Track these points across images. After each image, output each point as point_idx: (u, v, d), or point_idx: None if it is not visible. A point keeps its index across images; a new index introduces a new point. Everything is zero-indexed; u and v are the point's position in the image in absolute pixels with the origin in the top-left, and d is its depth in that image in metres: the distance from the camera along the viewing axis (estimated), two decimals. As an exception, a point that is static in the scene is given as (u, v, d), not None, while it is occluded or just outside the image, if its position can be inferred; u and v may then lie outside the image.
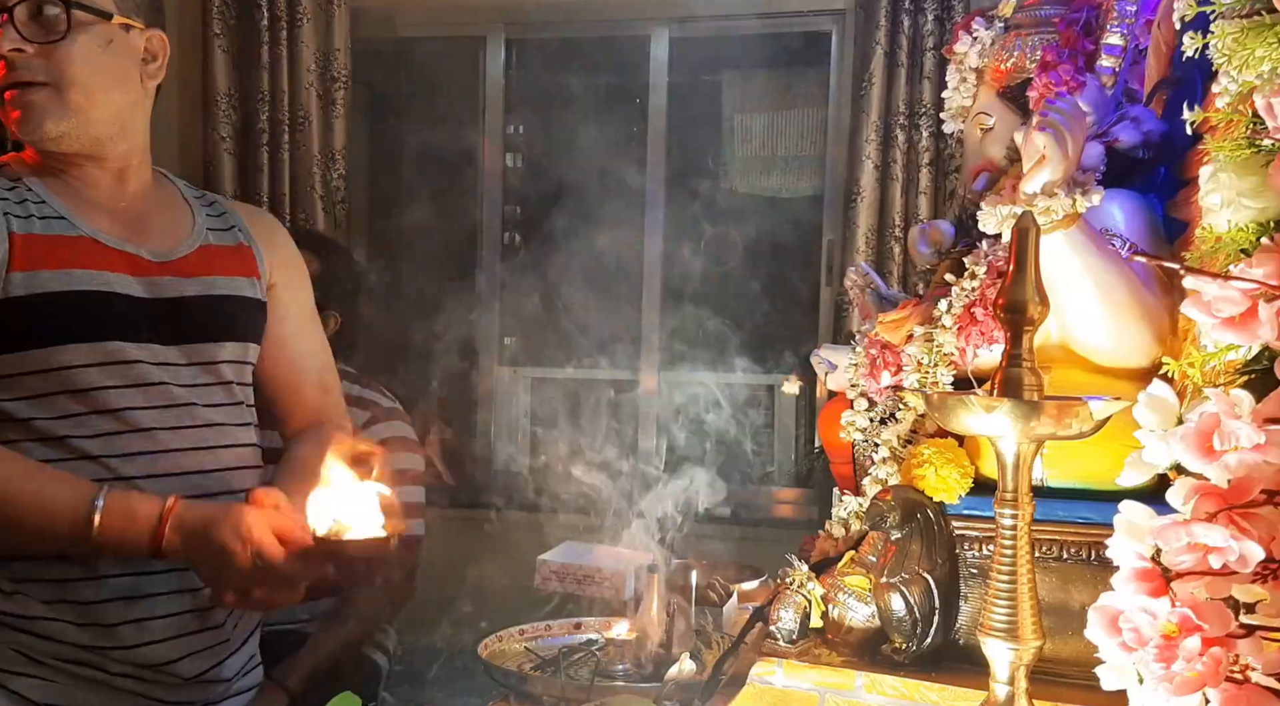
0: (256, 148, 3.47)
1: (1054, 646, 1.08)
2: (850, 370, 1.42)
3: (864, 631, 1.20)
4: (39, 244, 1.26)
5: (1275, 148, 0.89)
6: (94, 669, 1.27)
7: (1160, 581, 0.78)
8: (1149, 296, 1.18)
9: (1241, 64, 0.91)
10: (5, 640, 1.25)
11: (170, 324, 1.33)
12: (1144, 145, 1.37)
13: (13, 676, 1.25)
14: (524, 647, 1.52)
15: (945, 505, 1.18)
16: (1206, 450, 0.79)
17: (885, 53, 3.13)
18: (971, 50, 1.55)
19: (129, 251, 1.33)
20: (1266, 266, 0.82)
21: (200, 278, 1.38)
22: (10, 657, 1.25)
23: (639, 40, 3.61)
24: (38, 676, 1.26)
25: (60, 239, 1.28)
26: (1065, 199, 1.09)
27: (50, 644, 1.25)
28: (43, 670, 1.26)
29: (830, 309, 3.38)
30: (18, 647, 1.25)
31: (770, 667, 1.17)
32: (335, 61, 3.49)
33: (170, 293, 1.34)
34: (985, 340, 1.26)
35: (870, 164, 3.14)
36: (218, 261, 1.42)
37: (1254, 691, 0.74)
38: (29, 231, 1.26)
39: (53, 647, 1.25)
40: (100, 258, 1.29)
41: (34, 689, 1.25)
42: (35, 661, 1.25)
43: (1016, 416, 0.85)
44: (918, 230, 1.64)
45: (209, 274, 1.39)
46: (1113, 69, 1.40)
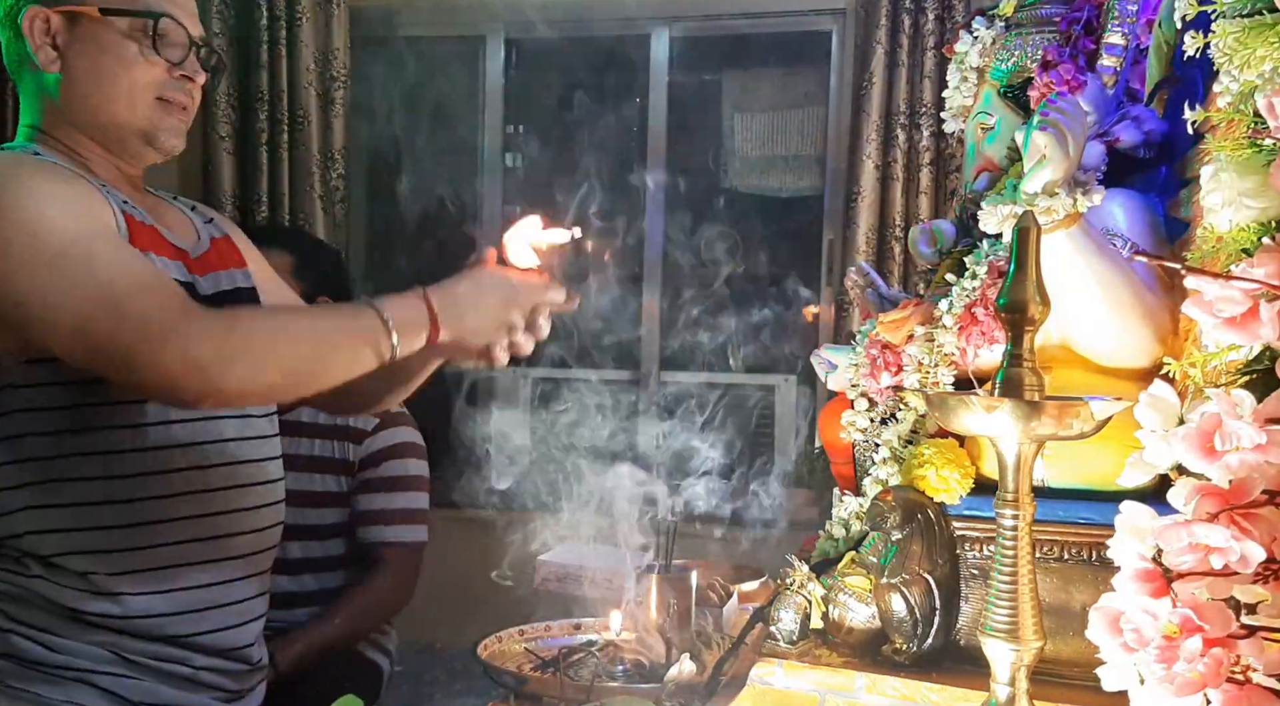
0: (256, 147, 3.47)
1: (1055, 647, 1.08)
2: (850, 370, 1.41)
3: (864, 632, 1.20)
4: (139, 227, 1.28)
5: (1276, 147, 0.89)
6: (179, 664, 1.31)
7: (1161, 582, 0.78)
8: (1150, 296, 1.18)
9: (1243, 63, 0.91)
10: (98, 640, 1.27)
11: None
12: (1145, 145, 1.36)
13: (103, 676, 1.27)
14: (524, 648, 1.52)
15: (946, 505, 1.18)
16: (1208, 450, 0.79)
17: (886, 52, 3.13)
18: (972, 49, 1.55)
19: (180, 246, 1.36)
20: (1268, 266, 0.82)
21: (219, 272, 1.42)
22: (101, 657, 1.27)
23: (639, 40, 3.61)
24: (127, 675, 1.28)
25: (144, 225, 1.30)
26: (1066, 198, 1.09)
27: (141, 642, 1.28)
28: (132, 668, 1.28)
29: (832, 308, 3.38)
30: (110, 647, 1.27)
31: (770, 668, 1.17)
32: (334, 61, 3.49)
33: (211, 286, 1.39)
34: (986, 340, 1.25)
35: (870, 164, 3.14)
36: (225, 255, 1.45)
37: (1255, 692, 0.74)
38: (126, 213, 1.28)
39: (143, 646, 1.28)
40: (166, 248, 1.33)
41: (124, 687, 1.28)
42: (126, 660, 1.28)
43: (1017, 416, 0.84)
44: (918, 230, 1.64)
45: (224, 268, 1.43)
46: (1114, 68, 1.40)
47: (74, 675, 1.26)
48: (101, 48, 1.29)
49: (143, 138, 1.33)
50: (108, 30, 1.29)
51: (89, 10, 1.28)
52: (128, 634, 1.28)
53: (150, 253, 1.28)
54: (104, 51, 1.29)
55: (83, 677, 1.26)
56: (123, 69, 1.29)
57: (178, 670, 1.31)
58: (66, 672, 1.26)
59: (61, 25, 1.28)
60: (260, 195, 3.48)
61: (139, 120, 1.31)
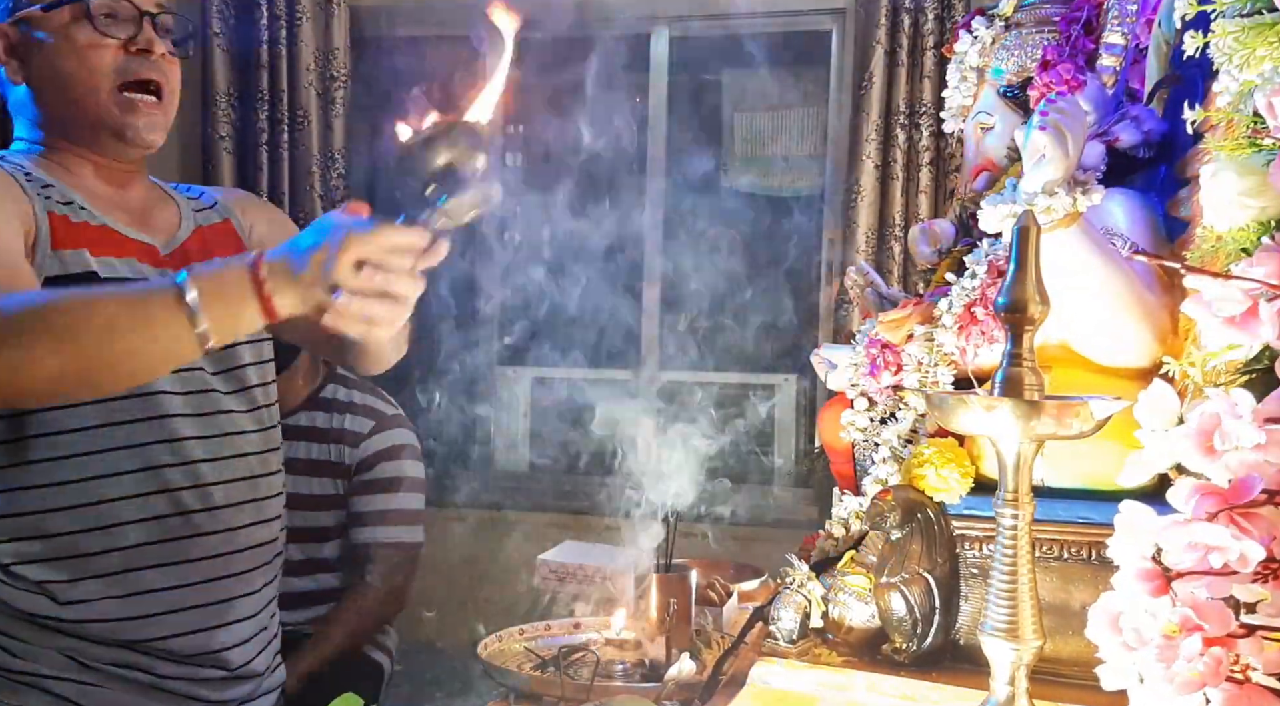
0: (256, 147, 3.47)
1: (1054, 646, 1.08)
2: (850, 370, 1.41)
3: (864, 631, 1.20)
4: (72, 227, 1.26)
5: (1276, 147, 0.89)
6: (141, 671, 1.27)
7: (1161, 581, 0.78)
8: (1150, 296, 1.18)
9: (1242, 63, 0.91)
10: (56, 645, 1.24)
11: None
12: (1144, 144, 1.36)
13: (61, 682, 1.24)
14: (524, 647, 1.52)
15: (946, 505, 1.18)
16: (1207, 449, 0.79)
17: (886, 52, 3.13)
18: (972, 49, 1.55)
19: (144, 241, 1.33)
20: (1267, 266, 0.82)
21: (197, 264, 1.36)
22: (61, 663, 1.24)
23: (639, 40, 3.61)
24: (86, 681, 1.25)
25: (86, 225, 1.28)
26: (1066, 198, 1.09)
27: (101, 648, 1.25)
28: (93, 675, 1.25)
29: (830, 309, 3.38)
30: (68, 653, 1.24)
31: (770, 667, 1.17)
32: (335, 60, 3.49)
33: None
34: (986, 339, 1.25)
35: (870, 163, 3.14)
36: (215, 243, 1.41)
37: (1254, 691, 0.74)
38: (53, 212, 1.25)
39: (103, 652, 1.25)
40: (120, 246, 1.30)
41: (83, 695, 1.25)
42: (85, 666, 1.25)
43: (1017, 416, 0.84)
44: (918, 230, 1.64)
45: (204, 258, 1.36)
46: (1113, 68, 1.40)
47: (29, 680, 1.23)
48: (52, 45, 1.28)
49: (112, 132, 1.29)
50: (53, 25, 1.28)
51: (32, 12, 1.28)
52: (87, 639, 1.24)
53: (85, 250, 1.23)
54: (55, 47, 1.28)
55: (38, 683, 1.23)
56: (75, 58, 1.27)
57: (139, 677, 1.27)
58: (24, 678, 1.23)
59: (16, 36, 1.28)
60: (260, 195, 3.48)
61: (103, 112, 1.28)
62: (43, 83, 1.29)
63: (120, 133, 1.29)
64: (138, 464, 1.26)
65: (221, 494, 1.32)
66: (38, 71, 1.29)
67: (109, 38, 1.28)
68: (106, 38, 1.28)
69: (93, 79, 1.27)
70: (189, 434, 1.30)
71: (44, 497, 1.23)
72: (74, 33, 1.27)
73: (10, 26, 1.28)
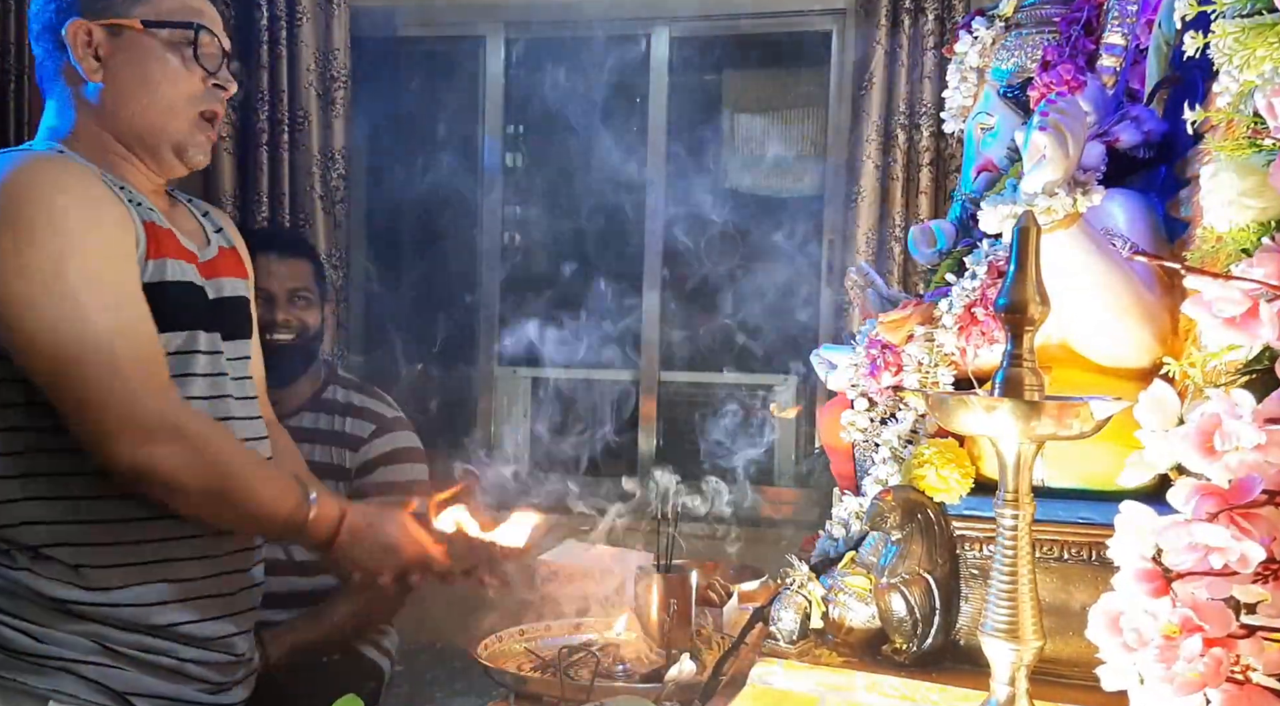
0: (256, 148, 3.48)
1: (1055, 647, 1.08)
2: (850, 370, 1.41)
3: (864, 632, 1.20)
4: (157, 232, 1.33)
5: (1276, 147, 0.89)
6: (164, 655, 1.34)
7: (1161, 582, 0.77)
8: (1150, 296, 1.18)
9: (1242, 63, 0.91)
10: (83, 631, 1.29)
11: (219, 319, 1.42)
12: (1145, 145, 1.36)
13: (88, 665, 1.30)
14: (524, 648, 1.52)
15: (946, 505, 1.18)
16: (1207, 450, 0.79)
17: (886, 52, 3.13)
18: (972, 50, 1.55)
19: (192, 250, 1.40)
20: (1267, 266, 0.82)
21: (226, 278, 1.47)
22: (86, 647, 1.30)
23: (639, 40, 3.61)
24: (111, 665, 1.31)
25: (162, 229, 1.35)
26: (1066, 198, 1.09)
27: (125, 633, 1.31)
28: (117, 658, 1.31)
29: (831, 309, 3.38)
30: (95, 637, 1.30)
31: (770, 668, 1.17)
32: (335, 61, 3.49)
33: (215, 291, 1.42)
34: (986, 340, 1.25)
35: (870, 164, 3.14)
36: (231, 265, 1.50)
37: (1255, 692, 0.74)
38: (146, 220, 1.32)
39: (127, 637, 1.31)
40: (181, 251, 1.37)
41: (109, 677, 1.31)
42: (110, 650, 1.31)
43: (1017, 416, 0.84)
44: (918, 230, 1.64)
45: (230, 275, 1.48)
46: (1113, 68, 1.40)
47: (59, 664, 1.29)
48: (143, 59, 1.34)
49: (175, 149, 1.38)
50: (149, 42, 1.34)
51: (131, 23, 1.33)
52: (112, 624, 1.30)
53: (166, 257, 1.33)
54: (146, 62, 1.34)
55: (68, 667, 1.29)
56: (165, 79, 1.35)
57: (162, 661, 1.34)
58: (52, 662, 1.28)
59: (104, 37, 1.33)
60: (260, 195, 3.48)
61: (175, 132, 1.37)
62: (124, 89, 1.34)
63: (183, 153, 1.39)
64: None
65: None
66: (121, 77, 1.34)
67: (201, 68, 1.37)
68: (200, 68, 1.37)
69: (178, 101, 1.36)
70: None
71: (88, 485, 1.28)
72: (169, 56, 1.35)
73: (98, 26, 1.32)
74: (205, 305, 1.38)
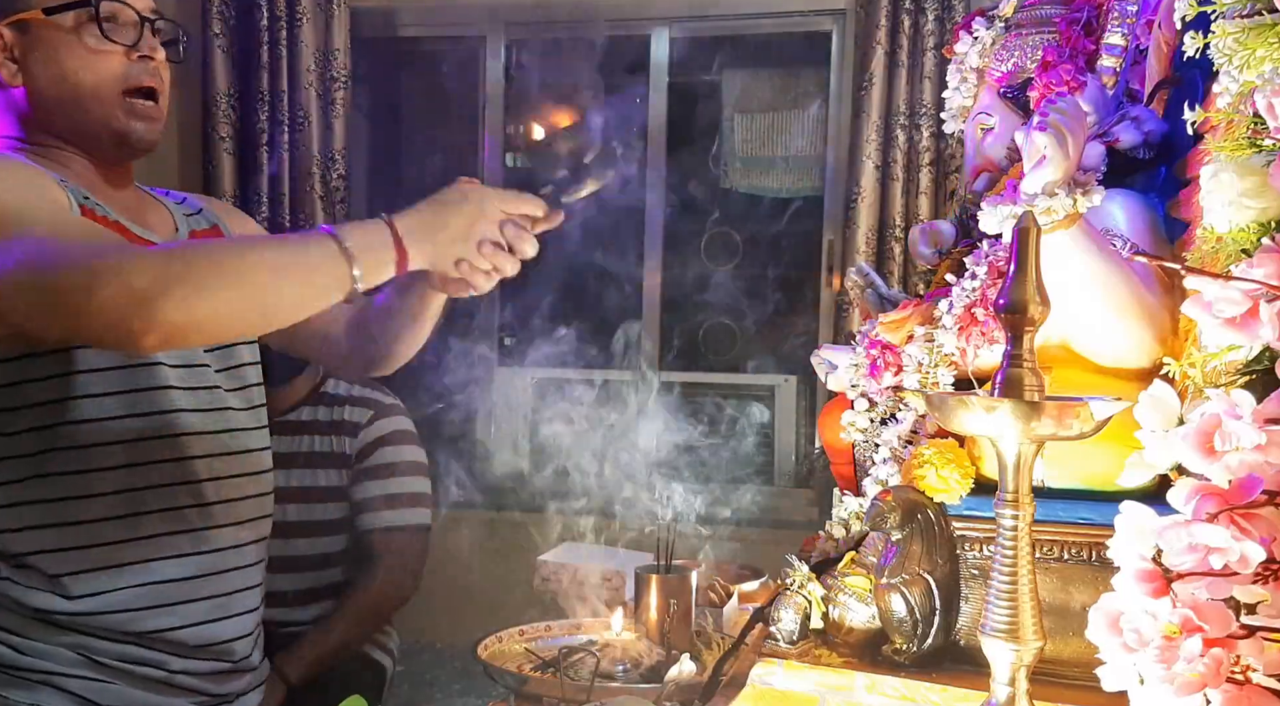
0: (256, 148, 3.47)
1: (1055, 647, 1.08)
2: (850, 370, 1.42)
3: (864, 632, 1.20)
4: (97, 220, 1.25)
5: (1276, 148, 0.89)
6: (152, 666, 1.28)
7: (1161, 582, 0.78)
8: (1150, 297, 1.18)
9: (1242, 64, 0.91)
10: (65, 642, 1.24)
11: None
12: (1145, 145, 1.36)
13: (71, 679, 1.25)
14: (524, 648, 1.52)
15: (946, 505, 1.18)
16: (1208, 450, 0.79)
17: (886, 52, 3.13)
18: (972, 50, 1.55)
19: (150, 239, 1.33)
20: (1267, 267, 0.82)
21: None
22: (69, 659, 1.25)
23: (639, 40, 3.61)
24: (96, 677, 1.26)
25: (105, 219, 1.27)
26: (1066, 199, 1.09)
27: (111, 643, 1.26)
28: (101, 671, 1.26)
29: (830, 309, 3.38)
30: (78, 649, 1.25)
31: (770, 668, 1.17)
32: (335, 61, 3.49)
33: None
34: (986, 340, 1.25)
35: (870, 164, 3.14)
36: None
37: (1255, 692, 0.74)
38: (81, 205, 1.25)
39: (113, 647, 1.26)
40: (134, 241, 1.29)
41: (95, 691, 1.25)
42: (95, 662, 1.25)
43: (1017, 417, 0.84)
44: (918, 230, 1.64)
45: None
46: (1113, 69, 1.40)
47: (41, 677, 1.24)
48: (55, 49, 1.27)
49: (113, 137, 1.30)
50: (55, 30, 1.26)
51: (33, 15, 1.26)
52: (96, 634, 1.25)
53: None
54: (58, 52, 1.27)
55: (50, 681, 1.24)
56: (80, 65, 1.27)
57: (150, 672, 1.29)
58: (34, 675, 1.24)
59: (14, 37, 1.26)
60: (260, 195, 3.48)
61: (109, 118, 1.28)
62: (44, 86, 1.28)
63: (124, 138, 1.30)
64: (164, 455, 1.28)
65: (233, 487, 1.35)
66: (38, 75, 1.27)
67: (114, 43, 1.27)
68: (112, 43, 1.27)
69: (100, 85, 1.27)
70: (203, 428, 1.33)
71: (66, 486, 1.24)
72: (77, 39, 1.26)
73: (7, 28, 1.26)
74: None
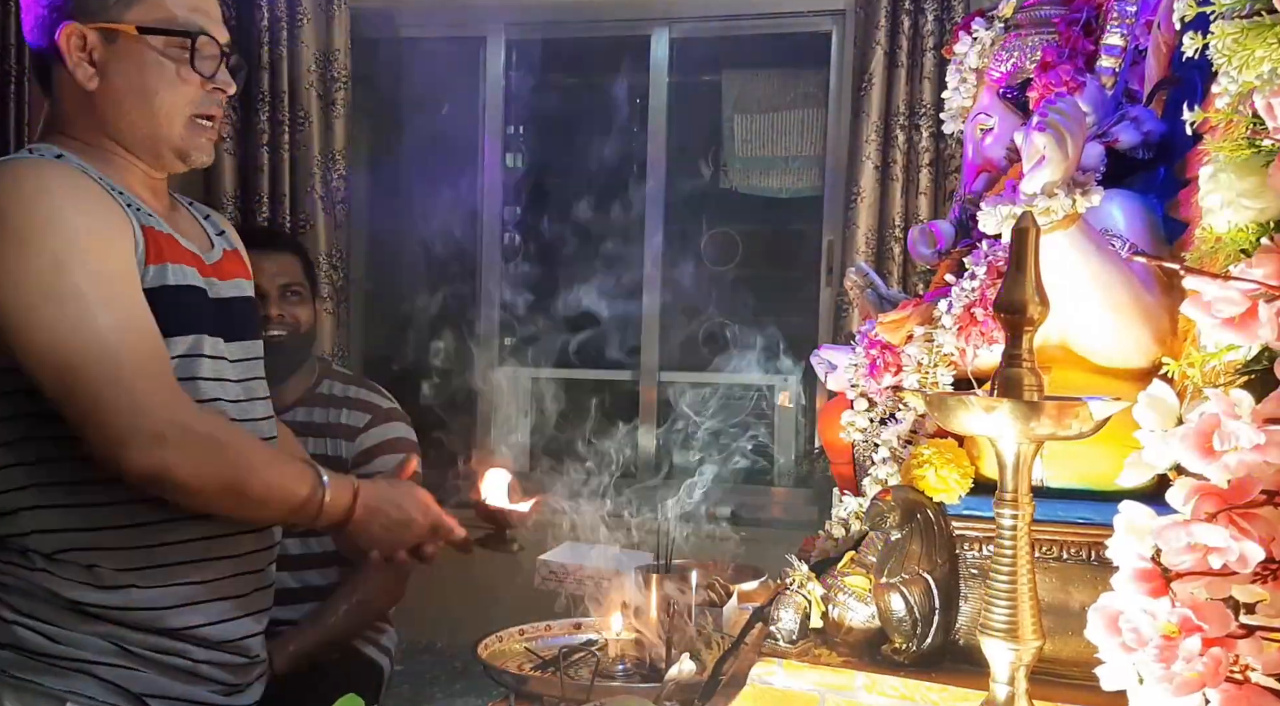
0: (257, 148, 3.48)
1: (1054, 646, 1.08)
2: (850, 370, 1.42)
3: (864, 631, 1.20)
4: (157, 238, 1.32)
5: (1275, 148, 0.89)
6: (178, 656, 1.34)
7: (1160, 581, 0.78)
8: (1149, 297, 1.18)
9: (1241, 64, 0.91)
10: (99, 632, 1.29)
11: (223, 321, 1.40)
12: (1144, 146, 1.37)
13: (104, 666, 1.30)
14: (524, 648, 1.52)
15: (945, 505, 1.18)
16: (1206, 450, 0.79)
17: (885, 53, 3.13)
18: (971, 50, 1.55)
19: (194, 252, 1.39)
20: (1266, 267, 0.82)
21: (230, 280, 1.45)
22: (102, 648, 1.30)
23: (639, 40, 3.61)
24: (127, 666, 1.31)
25: (162, 234, 1.33)
26: (1065, 199, 1.09)
27: (141, 634, 1.31)
28: (133, 660, 1.31)
29: (830, 309, 3.38)
30: (111, 638, 1.30)
31: (770, 668, 1.17)
32: (335, 62, 3.49)
33: (219, 293, 1.41)
34: (985, 340, 1.26)
35: (870, 164, 3.14)
36: (235, 265, 1.49)
37: (1254, 691, 0.74)
38: (145, 225, 1.31)
39: (143, 638, 1.31)
40: (182, 254, 1.35)
41: (126, 678, 1.31)
42: (126, 651, 1.31)
43: (1016, 417, 0.85)
44: (917, 230, 1.64)
45: (235, 277, 1.47)
46: (1112, 69, 1.40)
47: (76, 665, 1.29)
48: (139, 65, 1.30)
49: (176, 153, 1.36)
50: (145, 48, 1.30)
51: (126, 28, 1.29)
52: (128, 626, 1.30)
53: (168, 262, 1.31)
54: (142, 69, 1.30)
55: (84, 668, 1.29)
56: (162, 86, 1.31)
57: (177, 662, 1.34)
58: (69, 663, 1.28)
59: (98, 42, 1.29)
60: (261, 196, 3.49)
61: (175, 138, 1.34)
62: (120, 95, 1.31)
63: (185, 155, 1.37)
64: None
65: None
66: (117, 83, 1.31)
67: (196, 75, 1.33)
68: (194, 74, 1.33)
69: (175, 108, 1.33)
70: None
71: (100, 492, 1.28)
72: (164, 62, 1.31)
73: (93, 31, 1.28)
74: (209, 308, 1.37)
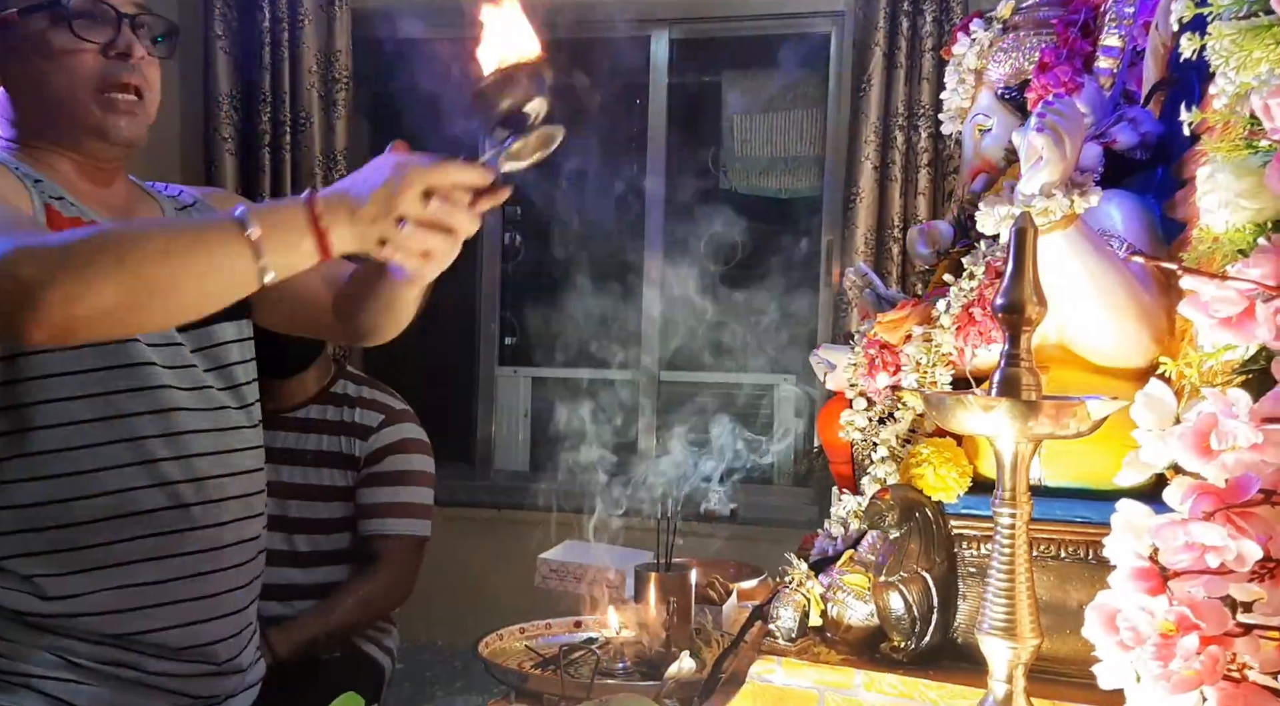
0: (258, 149, 3.48)
1: (1052, 645, 1.09)
2: (849, 370, 1.42)
3: (863, 630, 1.21)
4: (65, 221, 1.24)
5: (1272, 148, 0.90)
6: (131, 668, 1.27)
7: (1158, 580, 0.78)
8: (1146, 297, 1.18)
9: (1239, 65, 0.91)
10: (42, 644, 1.24)
11: None
12: (1141, 146, 1.37)
13: (50, 681, 1.24)
14: (524, 646, 1.53)
15: (944, 504, 1.19)
16: (1204, 449, 0.79)
17: (884, 54, 3.13)
18: (970, 52, 1.56)
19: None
20: (1263, 267, 0.83)
21: None
22: (50, 662, 1.24)
23: (639, 40, 3.61)
24: (75, 680, 1.25)
25: (78, 220, 1.26)
26: (1063, 200, 1.09)
27: (89, 645, 1.25)
28: (80, 673, 1.25)
29: (829, 309, 3.38)
30: (55, 651, 1.24)
31: (769, 666, 1.18)
32: (336, 62, 3.49)
33: None
34: (983, 340, 1.26)
35: (869, 165, 3.15)
36: None
37: (1251, 690, 0.74)
38: (48, 205, 1.24)
39: (91, 649, 1.25)
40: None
41: (74, 693, 1.25)
42: (73, 665, 1.25)
43: (1014, 416, 0.85)
44: (917, 230, 1.64)
45: None
46: (1110, 70, 1.40)
47: (21, 680, 1.23)
48: (29, 50, 1.26)
49: (92, 133, 1.28)
50: (29, 30, 1.25)
51: (8, 16, 1.25)
52: (73, 636, 1.24)
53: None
54: (32, 53, 1.26)
55: (31, 684, 1.23)
56: (53, 65, 1.25)
57: (126, 674, 1.27)
58: (13, 678, 1.23)
59: None
60: (263, 196, 3.49)
61: (85, 116, 1.27)
62: (20, 86, 1.28)
63: (103, 133, 1.28)
64: (136, 457, 1.26)
65: (216, 488, 1.33)
66: (14, 75, 1.27)
67: (87, 42, 1.25)
68: (85, 43, 1.25)
69: (72, 85, 1.26)
70: (189, 428, 1.31)
71: (42, 490, 1.23)
72: (51, 38, 1.25)
73: None
74: None
